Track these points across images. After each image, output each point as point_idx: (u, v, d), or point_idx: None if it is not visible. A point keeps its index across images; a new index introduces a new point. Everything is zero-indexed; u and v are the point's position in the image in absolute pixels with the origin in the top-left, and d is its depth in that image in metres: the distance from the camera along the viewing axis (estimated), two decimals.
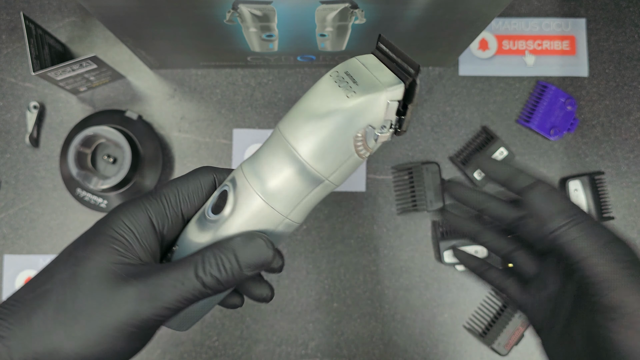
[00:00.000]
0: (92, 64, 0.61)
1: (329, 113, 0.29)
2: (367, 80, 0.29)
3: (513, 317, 0.65)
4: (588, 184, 0.67)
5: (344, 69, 0.30)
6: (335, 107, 0.29)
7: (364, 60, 0.31)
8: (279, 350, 0.66)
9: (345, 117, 0.29)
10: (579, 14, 0.70)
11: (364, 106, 0.29)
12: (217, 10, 0.48)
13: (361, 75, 0.30)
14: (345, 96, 0.29)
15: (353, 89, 0.29)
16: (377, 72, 0.30)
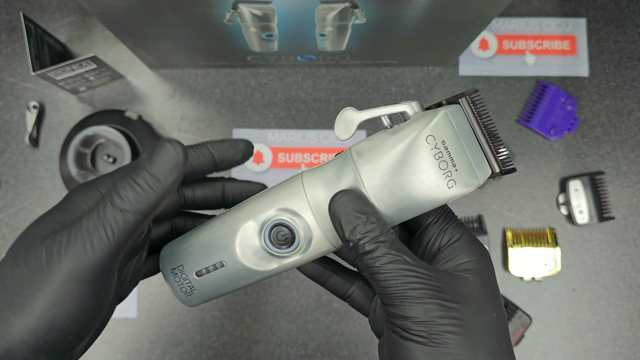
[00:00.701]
0: (91, 64, 0.60)
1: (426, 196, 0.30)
2: (466, 167, 0.29)
3: (513, 318, 0.65)
4: (588, 184, 0.66)
5: (441, 135, 0.29)
6: (434, 195, 0.29)
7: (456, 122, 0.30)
8: (279, 351, 0.66)
9: (439, 202, 0.30)
10: (580, 13, 0.70)
11: (460, 195, 0.30)
12: (217, 10, 0.48)
13: (460, 157, 0.29)
14: (447, 187, 0.29)
15: (453, 177, 0.29)
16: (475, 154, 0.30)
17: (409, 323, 0.29)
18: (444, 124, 0.29)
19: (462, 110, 0.30)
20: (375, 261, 0.29)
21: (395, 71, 0.69)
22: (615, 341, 0.66)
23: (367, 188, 0.30)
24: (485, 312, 0.29)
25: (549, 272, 0.66)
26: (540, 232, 0.67)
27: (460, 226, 0.33)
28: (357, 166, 0.30)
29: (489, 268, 0.31)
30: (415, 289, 0.28)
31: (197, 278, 0.32)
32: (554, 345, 0.66)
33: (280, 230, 0.31)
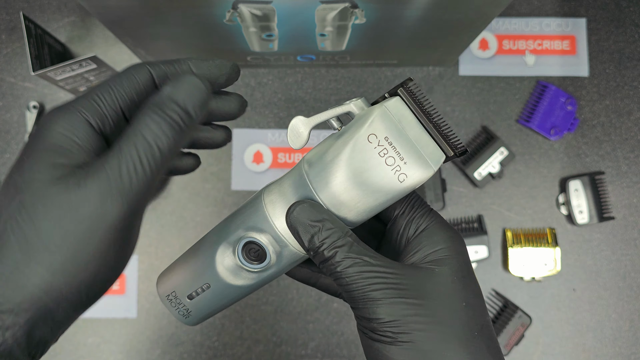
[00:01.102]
0: (91, 64, 0.60)
1: (380, 194, 0.30)
2: (414, 156, 0.30)
3: (513, 317, 0.65)
4: (588, 184, 0.66)
5: (382, 132, 0.29)
6: (387, 190, 0.30)
7: (398, 115, 0.30)
8: (279, 351, 0.66)
9: (396, 196, 0.30)
10: (579, 13, 0.70)
11: (415, 185, 0.30)
12: (217, 10, 0.48)
13: (406, 148, 0.30)
14: (398, 180, 0.29)
15: (403, 171, 0.29)
16: (422, 143, 0.30)
17: (374, 325, 0.29)
18: (383, 120, 0.29)
19: (403, 102, 0.30)
20: (335, 267, 0.29)
21: (395, 71, 0.69)
22: (615, 341, 0.66)
23: (320, 196, 0.30)
24: (453, 303, 0.29)
25: (549, 272, 0.66)
26: (540, 232, 0.67)
27: (428, 214, 0.32)
28: (308, 176, 0.30)
29: (458, 254, 0.31)
30: (378, 290, 0.28)
31: (189, 301, 0.34)
32: (554, 345, 0.66)
33: (251, 247, 0.32)
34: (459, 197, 0.68)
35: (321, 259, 0.29)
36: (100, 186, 0.25)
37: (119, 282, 0.66)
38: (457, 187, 0.68)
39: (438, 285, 0.29)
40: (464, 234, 0.66)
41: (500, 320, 0.65)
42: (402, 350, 0.28)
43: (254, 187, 0.67)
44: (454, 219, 0.67)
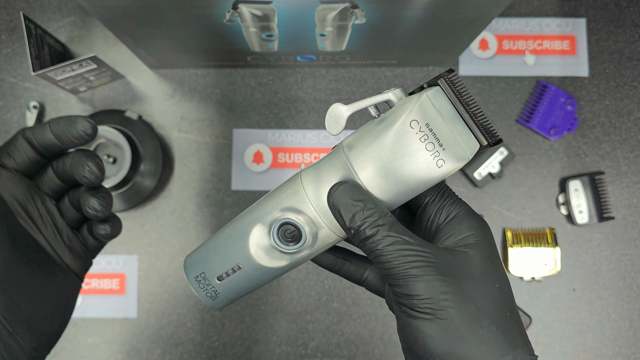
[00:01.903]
0: (91, 64, 0.60)
1: (418, 178, 0.31)
2: (453, 145, 0.31)
3: None
4: (588, 184, 0.66)
5: (423, 118, 0.30)
6: (425, 175, 0.31)
7: (438, 104, 0.31)
8: (279, 351, 0.66)
9: (432, 182, 0.31)
10: (579, 13, 0.70)
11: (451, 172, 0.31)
12: (217, 10, 0.48)
13: (445, 136, 0.31)
14: (436, 166, 0.31)
15: (441, 156, 0.31)
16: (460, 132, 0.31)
17: (414, 301, 0.30)
18: (426, 107, 0.30)
19: (442, 92, 0.31)
20: (376, 244, 0.30)
21: (395, 71, 0.69)
22: (615, 341, 0.66)
23: (360, 178, 0.31)
24: (486, 284, 0.31)
25: (549, 272, 0.66)
26: (540, 232, 0.67)
27: (457, 202, 0.34)
28: (348, 158, 0.31)
29: (488, 240, 0.32)
30: (417, 267, 0.30)
31: (218, 282, 0.34)
32: (553, 345, 0.66)
33: (287, 228, 0.33)
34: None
35: (362, 237, 0.30)
36: None
37: (119, 282, 0.66)
38: (457, 187, 0.68)
39: (473, 267, 0.31)
40: None
41: None
42: (439, 326, 0.29)
43: (254, 187, 0.67)
44: None
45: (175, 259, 0.66)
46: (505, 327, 0.30)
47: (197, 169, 0.68)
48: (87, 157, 0.34)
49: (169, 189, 0.68)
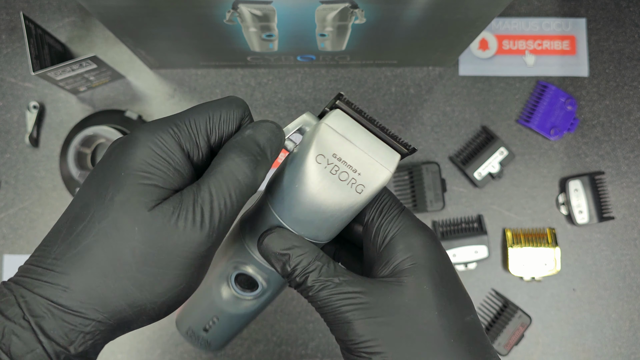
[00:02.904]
0: (91, 64, 0.60)
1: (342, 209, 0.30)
2: (367, 165, 0.29)
3: (513, 317, 0.65)
4: (588, 184, 0.66)
5: (328, 150, 0.29)
6: (348, 205, 0.29)
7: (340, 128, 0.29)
8: (279, 351, 0.66)
9: (359, 207, 0.30)
10: (579, 13, 0.70)
11: (376, 191, 0.30)
12: (217, 10, 0.48)
13: (357, 160, 0.29)
14: (356, 192, 0.29)
15: (359, 182, 0.29)
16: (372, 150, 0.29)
17: (350, 345, 0.29)
18: (327, 136, 0.29)
19: (342, 114, 0.29)
20: (307, 291, 0.30)
21: (395, 71, 0.69)
22: (615, 341, 0.66)
23: (286, 224, 0.30)
24: (423, 314, 0.28)
25: (549, 272, 0.66)
26: (540, 232, 0.67)
27: (395, 218, 0.31)
28: (271, 206, 0.31)
29: (428, 260, 0.30)
30: (349, 312, 0.29)
31: (205, 333, 0.37)
32: (554, 345, 0.66)
33: (242, 279, 0.34)
34: (459, 197, 0.68)
35: (295, 284, 0.30)
36: (194, 218, 0.26)
37: None
38: (457, 187, 0.68)
39: (408, 299, 0.29)
40: (464, 234, 0.66)
41: (500, 320, 0.65)
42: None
43: None
44: (454, 219, 0.67)
45: None
46: (451, 354, 0.28)
47: None
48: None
49: None
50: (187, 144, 0.28)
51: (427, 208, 0.66)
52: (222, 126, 0.29)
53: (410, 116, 0.68)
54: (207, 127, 0.28)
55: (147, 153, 0.26)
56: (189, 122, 0.28)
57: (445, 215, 0.67)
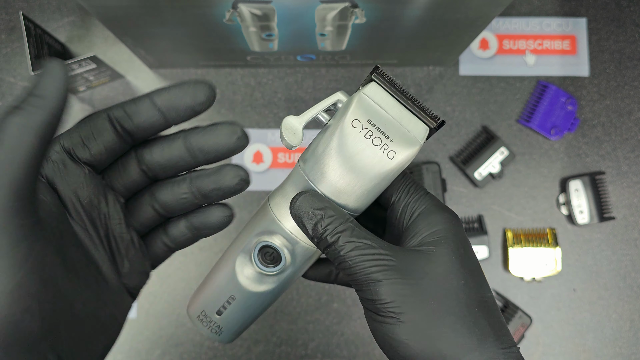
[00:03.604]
0: (91, 64, 0.60)
1: (373, 174, 0.31)
2: (399, 133, 0.31)
3: (513, 318, 0.65)
4: (589, 184, 0.66)
5: (364, 116, 0.30)
6: (379, 170, 0.31)
7: (376, 98, 0.31)
8: (279, 351, 0.66)
9: (389, 175, 0.31)
10: (580, 13, 0.70)
11: (406, 162, 0.31)
12: (217, 9, 0.48)
13: (390, 127, 0.31)
14: (387, 158, 0.30)
15: (391, 148, 0.30)
16: (404, 120, 0.31)
17: (377, 305, 0.30)
18: (364, 104, 0.31)
19: (378, 86, 0.31)
20: (339, 251, 0.30)
21: (395, 71, 0.69)
22: (616, 341, 0.66)
23: (319, 188, 0.31)
24: (449, 281, 0.30)
25: (550, 272, 0.66)
26: (541, 232, 0.67)
27: (423, 198, 0.33)
28: (305, 172, 0.32)
29: (454, 234, 0.32)
30: (378, 272, 0.29)
31: (218, 317, 0.36)
32: (554, 345, 0.66)
33: (266, 251, 0.33)
34: (459, 197, 0.68)
35: (325, 244, 0.30)
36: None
37: None
38: (457, 187, 0.68)
39: (435, 266, 0.30)
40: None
41: None
42: (404, 329, 0.29)
43: (254, 187, 0.67)
44: None
45: (175, 259, 0.66)
46: (471, 322, 0.30)
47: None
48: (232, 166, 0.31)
49: None
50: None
51: None
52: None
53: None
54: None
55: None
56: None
57: None
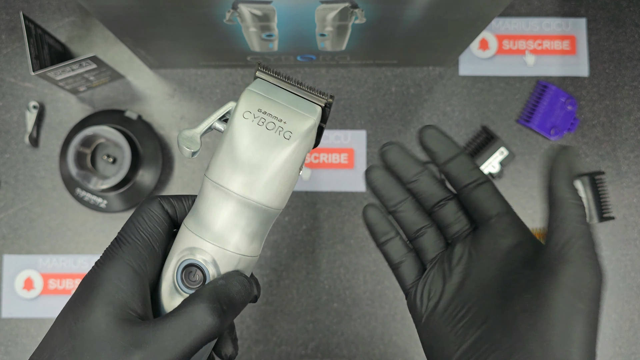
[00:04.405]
0: (91, 64, 0.60)
1: (274, 157, 0.30)
2: (292, 114, 0.31)
3: None
4: (588, 183, 0.66)
5: (254, 106, 0.31)
6: (280, 152, 0.30)
7: (263, 91, 0.32)
8: (279, 351, 0.66)
9: (293, 158, 0.31)
10: (579, 13, 0.70)
11: (304, 141, 0.31)
12: (217, 10, 0.48)
13: (282, 111, 0.31)
14: (285, 138, 0.30)
15: (286, 129, 0.31)
16: (295, 104, 0.31)
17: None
18: (252, 97, 0.31)
19: (262, 80, 0.32)
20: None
21: (395, 71, 0.69)
22: (616, 341, 0.66)
23: (229, 187, 0.30)
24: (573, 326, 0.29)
25: None
26: (541, 232, 0.67)
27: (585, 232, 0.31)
28: (212, 179, 0.31)
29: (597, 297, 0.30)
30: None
31: None
32: None
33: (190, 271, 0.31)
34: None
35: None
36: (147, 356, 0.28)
37: None
38: None
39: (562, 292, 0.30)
40: None
41: None
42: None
43: None
44: None
45: None
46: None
47: (197, 169, 0.68)
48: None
49: (169, 189, 0.68)
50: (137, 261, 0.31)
51: None
52: (152, 226, 0.32)
53: (410, 116, 0.68)
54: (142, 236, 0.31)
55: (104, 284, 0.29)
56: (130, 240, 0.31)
57: None
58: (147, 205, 0.32)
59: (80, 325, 0.28)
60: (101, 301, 0.29)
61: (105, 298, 0.29)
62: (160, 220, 0.32)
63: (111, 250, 0.31)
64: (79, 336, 0.28)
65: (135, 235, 0.31)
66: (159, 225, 0.32)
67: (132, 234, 0.31)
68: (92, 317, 0.28)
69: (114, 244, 0.31)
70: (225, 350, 0.35)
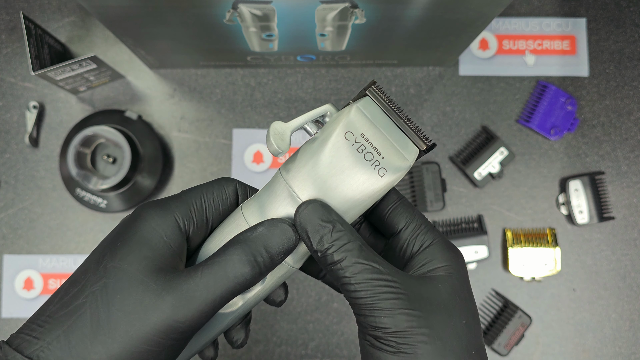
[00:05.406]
0: (91, 64, 0.60)
1: (361, 190, 0.30)
2: (392, 152, 0.30)
3: (513, 317, 0.65)
4: (588, 184, 0.66)
5: (358, 129, 0.30)
6: (369, 187, 0.30)
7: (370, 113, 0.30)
8: (279, 351, 0.66)
9: (376, 194, 0.30)
10: (580, 13, 0.70)
11: (394, 181, 0.30)
12: (217, 10, 0.48)
13: (383, 145, 0.30)
14: (378, 175, 0.30)
15: (382, 165, 0.30)
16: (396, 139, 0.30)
17: (379, 333, 0.28)
18: (358, 117, 0.30)
19: (372, 101, 0.31)
20: (344, 271, 0.29)
21: (395, 71, 0.69)
22: (616, 341, 0.66)
23: (302, 199, 0.30)
24: (454, 320, 0.29)
25: (549, 272, 0.66)
26: (540, 232, 0.67)
27: (432, 231, 0.32)
28: (288, 182, 0.30)
29: (460, 274, 0.31)
30: (386, 300, 0.28)
31: None
32: (554, 345, 0.66)
33: None
34: (459, 197, 0.68)
35: (329, 261, 0.29)
36: (177, 302, 0.27)
37: None
38: (457, 187, 0.68)
39: (442, 301, 0.29)
40: (464, 234, 0.66)
41: (500, 320, 0.65)
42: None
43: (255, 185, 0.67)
44: (454, 219, 0.67)
45: None
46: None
47: (197, 169, 0.68)
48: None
49: (169, 189, 0.68)
50: (185, 220, 0.30)
51: (427, 208, 0.66)
52: (216, 202, 0.32)
53: (411, 116, 0.68)
54: (202, 204, 0.31)
55: (145, 229, 0.29)
56: (186, 201, 0.31)
57: (446, 215, 0.67)
58: (224, 182, 0.32)
59: (116, 264, 0.28)
60: (143, 246, 0.28)
61: (147, 244, 0.28)
62: (226, 201, 0.32)
63: (166, 202, 0.30)
64: (114, 275, 0.28)
65: (196, 201, 0.31)
66: (223, 205, 0.32)
67: (194, 198, 0.31)
68: (130, 258, 0.28)
69: (171, 197, 0.31)
70: (237, 336, 0.34)
